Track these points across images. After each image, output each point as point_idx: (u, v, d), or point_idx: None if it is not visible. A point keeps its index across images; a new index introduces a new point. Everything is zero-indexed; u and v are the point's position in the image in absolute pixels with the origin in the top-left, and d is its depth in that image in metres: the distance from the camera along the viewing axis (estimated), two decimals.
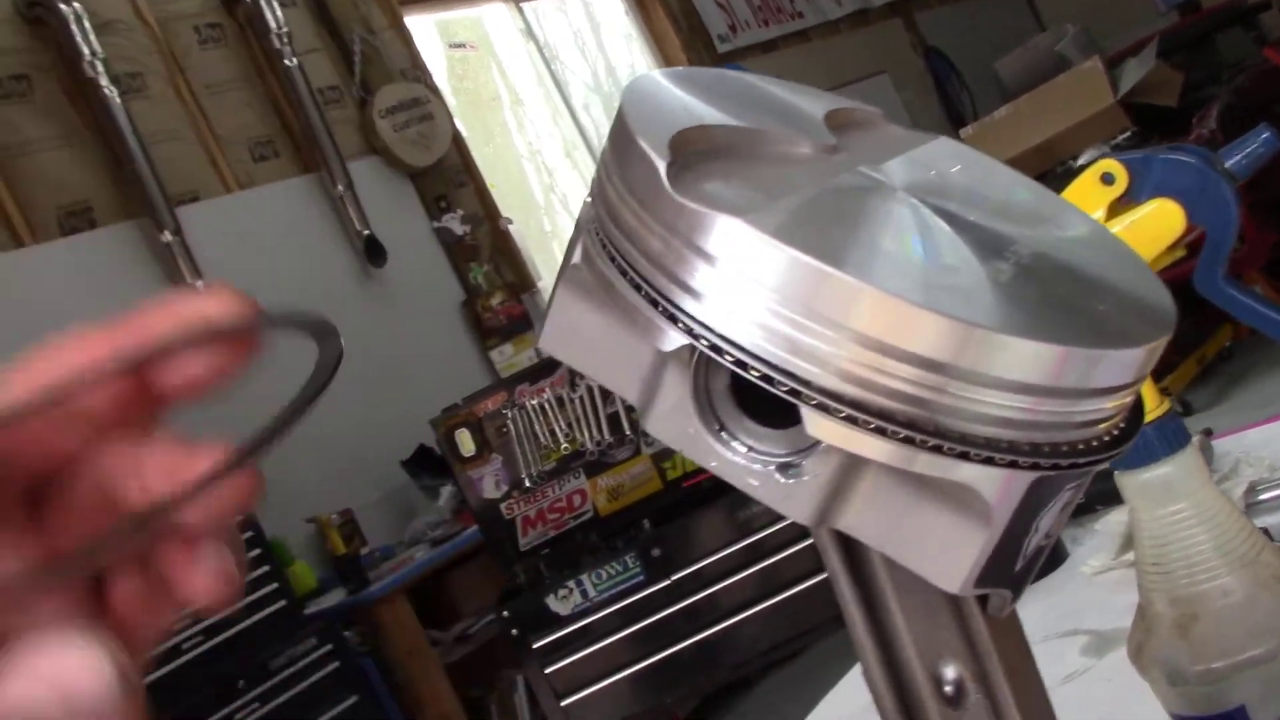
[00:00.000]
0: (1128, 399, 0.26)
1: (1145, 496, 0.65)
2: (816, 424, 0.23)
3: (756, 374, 0.23)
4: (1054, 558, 1.39)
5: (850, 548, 0.31)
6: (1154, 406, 0.65)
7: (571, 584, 3.50)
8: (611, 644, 3.50)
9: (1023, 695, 0.28)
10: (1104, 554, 1.31)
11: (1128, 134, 5.20)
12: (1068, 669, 1.15)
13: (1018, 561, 0.26)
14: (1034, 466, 0.24)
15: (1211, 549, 0.64)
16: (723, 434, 0.26)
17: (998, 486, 0.24)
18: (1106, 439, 0.26)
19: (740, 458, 0.26)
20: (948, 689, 0.29)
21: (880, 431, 0.23)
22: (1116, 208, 0.64)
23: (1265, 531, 1.12)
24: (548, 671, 3.47)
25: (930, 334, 0.23)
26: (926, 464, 0.23)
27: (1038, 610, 1.31)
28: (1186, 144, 0.63)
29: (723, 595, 3.52)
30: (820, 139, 0.29)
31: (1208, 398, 4.71)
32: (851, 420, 0.23)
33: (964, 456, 0.23)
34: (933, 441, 0.23)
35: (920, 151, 0.32)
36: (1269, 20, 5.82)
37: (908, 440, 0.23)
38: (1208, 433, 1.48)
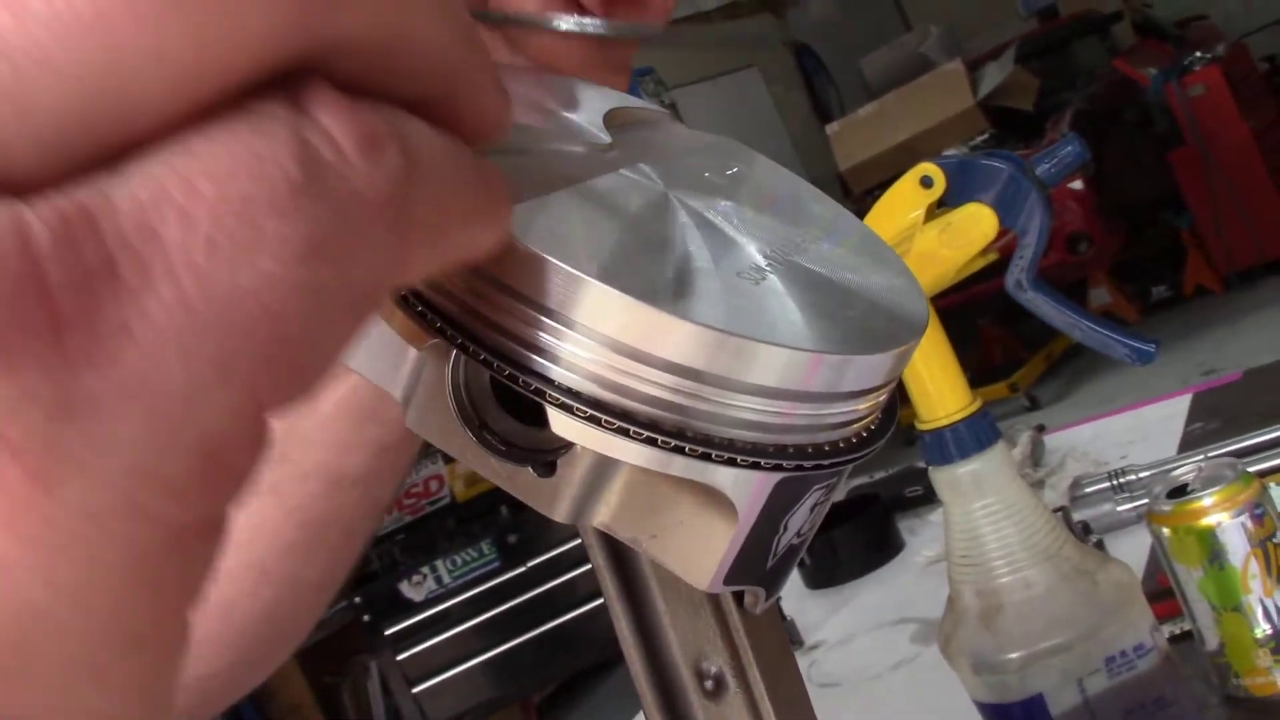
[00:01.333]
0: (879, 400, 0.27)
1: (956, 491, 0.67)
2: (561, 423, 0.23)
3: (503, 372, 0.23)
4: (889, 548, 1.42)
5: (615, 543, 0.31)
6: (965, 404, 0.67)
7: (426, 570, 3.47)
8: (465, 630, 3.48)
9: (777, 689, 0.28)
10: (938, 545, 1.35)
11: (986, 135, 5.35)
12: (898, 656, 1.18)
13: (768, 560, 0.27)
14: (776, 468, 0.25)
15: (1017, 542, 0.66)
16: (483, 431, 0.26)
17: (741, 488, 0.25)
18: (855, 440, 0.26)
19: (498, 455, 0.26)
20: (708, 684, 0.29)
21: (623, 432, 0.23)
22: (934, 211, 0.66)
23: (1086, 525, 1.17)
24: (400, 658, 3.43)
25: (673, 339, 0.23)
26: (669, 465, 0.24)
27: (873, 599, 1.35)
28: (1001, 150, 0.65)
29: (579, 582, 3.52)
30: (594, 137, 0.29)
31: (1054, 392, 4.89)
32: (594, 420, 0.23)
33: (706, 458, 0.24)
34: (674, 443, 0.23)
35: (697, 153, 0.32)
36: (1121, 32, 6.04)
37: (650, 441, 0.23)
38: (1040, 429, 1.53)
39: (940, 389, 0.67)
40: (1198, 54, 5.05)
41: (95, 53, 0.15)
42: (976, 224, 0.64)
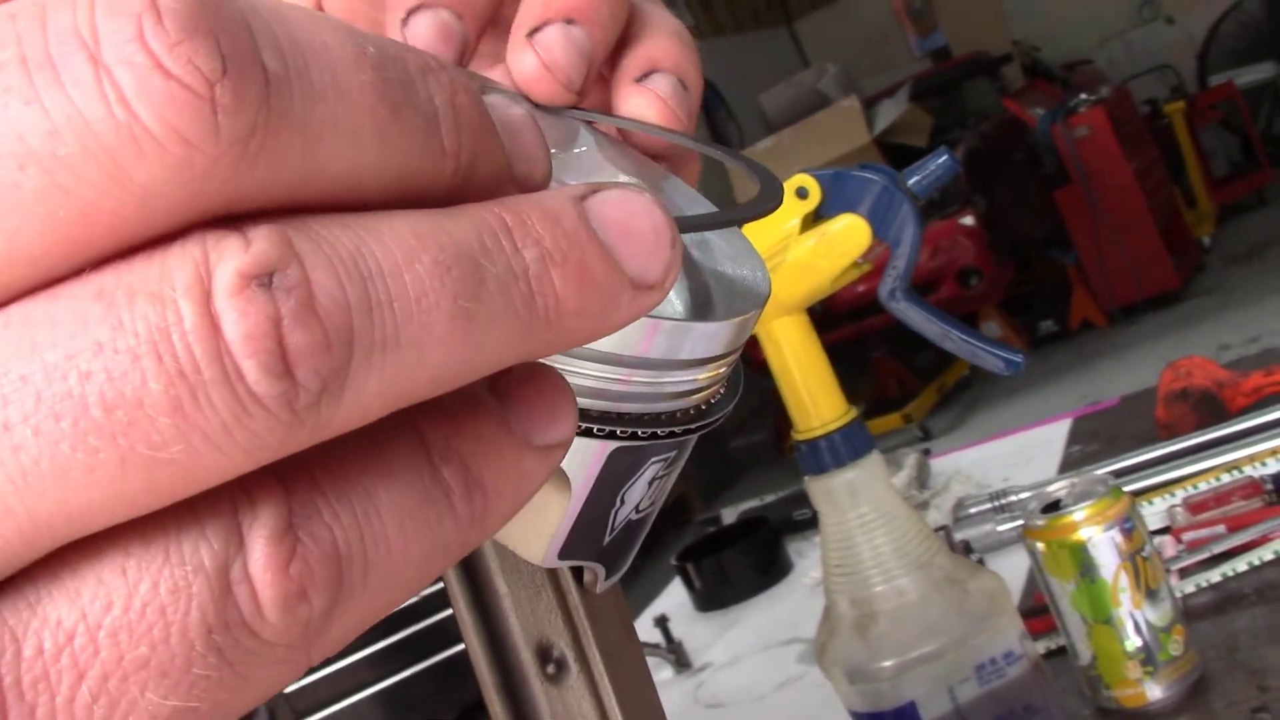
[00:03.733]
0: (720, 371, 0.26)
1: (831, 501, 0.68)
2: None
3: None
4: (778, 570, 1.43)
5: None
6: (841, 414, 0.68)
7: None
8: (355, 661, 3.41)
9: (619, 672, 0.28)
10: None
11: None
12: (784, 676, 1.18)
13: (605, 535, 0.26)
14: (610, 436, 0.24)
15: (890, 551, 0.66)
16: None
17: (575, 456, 0.24)
18: (694, 412, 0.26)
19: None
20: (550, 668, 0.29)
21: None
22: (810, 222, 0.67)
23: (967, 545, 1.19)
24: (288, 691, 3.35)
25: None
26: None
27: (762, 620, 1.35)
28: (876, 164, 0.66)
29: None
30: None
31: (948, 423, 4.98)
32: None
33: None
34: None
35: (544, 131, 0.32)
36: (1010, 73, 6.21)
37: None
38: (926, 452, 1.55)
39: (815, 399, 0.67)
40: (1083, 96, 5.22)
41: None
42: (850, 235, 0.65)
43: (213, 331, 0.16)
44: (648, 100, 0.30)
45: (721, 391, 0.27)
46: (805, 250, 0.66)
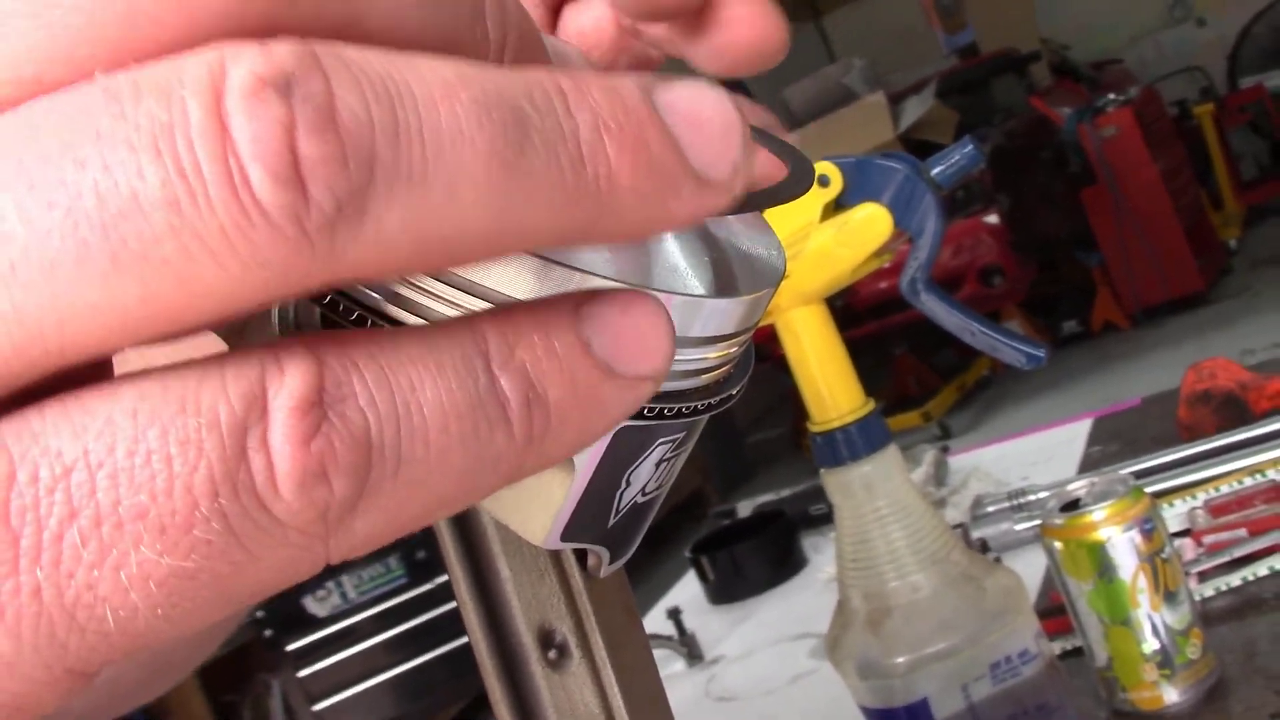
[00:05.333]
0: (730, 351, 0.26)
1: (847, 494, 0.67)
2: None
3: (337, 307, 0.22)
4: (792, 564, 1.42)
5: None
6: (858, 406, 0.67)
7: (331, 584, 3.40)
8: (371, 647, 3.42)
9: (622, 660, 0.27)
10: None
11: None
12: (797, 670, 1.18)
13: (610, 517, 0.26)
14: None
15: (905, 546, 0.66)
16: None
17: None
18: (702, 392, 0.25)
19: None
20: (551, 653, 0.28)
21: None
22: (830, 210, 0.66)
23: (984, 542, 1.18)
24: (301, 675, 3.36)
25: (513, 274, 0.22)
26: None
27: (774, 614, 1.35)
28: (899, 152, 0.65)
29: None
30: None
31: (967, 422, 4.95)
32: None
33: None
34: None
35: None
36: (1038, 71, 6.17)
37: None
38: (944, 449, 1.54)
39: (833, 390, 0.67)
40: (1111, 96, 5.18)
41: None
42: (872, 224, 0.64)
43: (220, 131, 0.15)
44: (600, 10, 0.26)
45: (732, 372, 0.27)
46: (825, 239, 0.65)
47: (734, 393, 0.26)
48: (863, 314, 4.85)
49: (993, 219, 4.90)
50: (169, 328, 0.16)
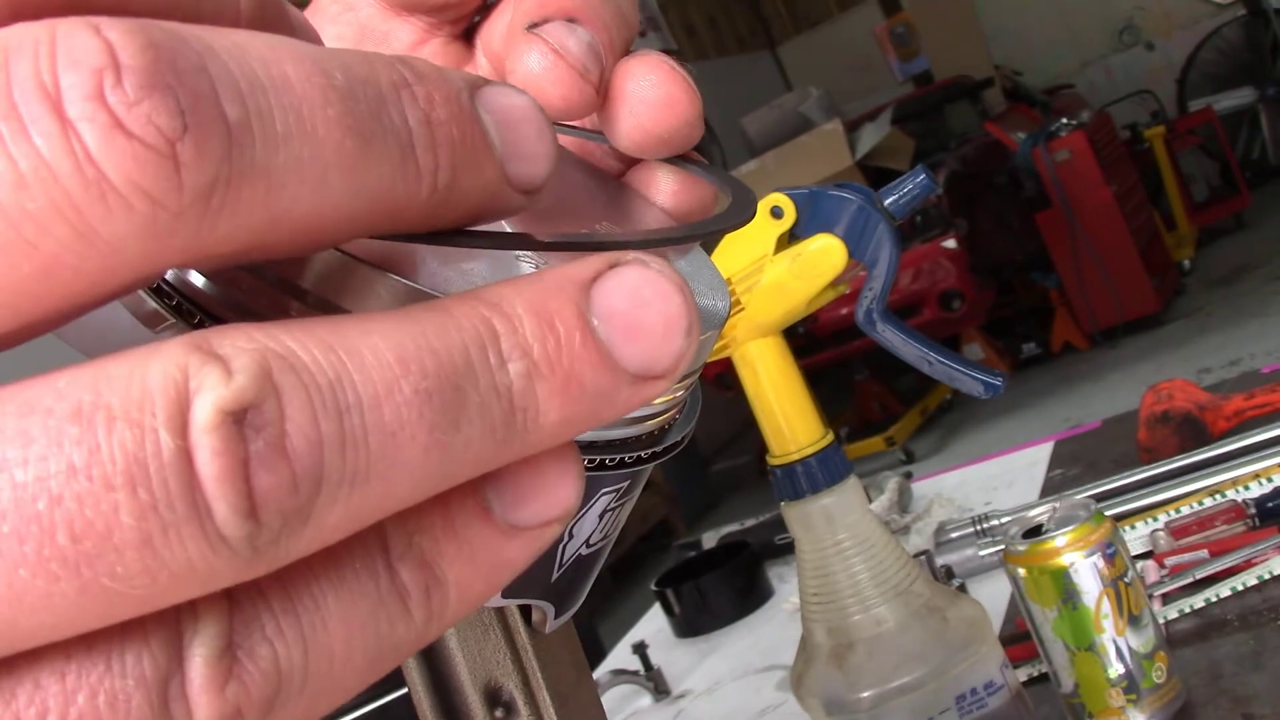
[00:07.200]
0: (675, 395, 0.25)
1: (808, 527, 0.66)
2: None
3: None
4: (758, 595, 1.41)
5: None
6: (817, 438, 0.66)
7: None
8: None
9: (570, 716, 0.26)
10: None
11: None
12: (763, 703, 1.16)
13: (553, 571, 0.25)
14: None
15: (868, 578, 0.65)
16: None
17: None
18: (644, 439, 0.24)
19: None
20: (498, 711, 0.27)
21: None
22: (785, 242, 0.66)
23: (949, 569, 1.17)
24: None
25: None
26: None
27: (741, 646, 1.34)
28: (852, 183, 0.64)
29: None
30: None
31: (931, 445, 4.97)
32: None
33: None
34: None
35: None
36: (991, 97, 6.24)
37: None
38: (907, 476, 1.54)
39: (791, 422, 0.66)
40: (1064, 120, 5.24)
41: None
42: (826, 256, 0.63)
43: (188, 466, 0.15)
44: (540, 54, 0.25)
45: (677, 417, 0.26)
46: (780, 271, 0.64)
47: (680, 440, 0.25)
48: (825, 340, 4.87)
49: (951, 244, 4.94)
50: (114, 624, 0.16)
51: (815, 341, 4.87)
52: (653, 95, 0.25)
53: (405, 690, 0.33)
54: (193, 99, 0.15)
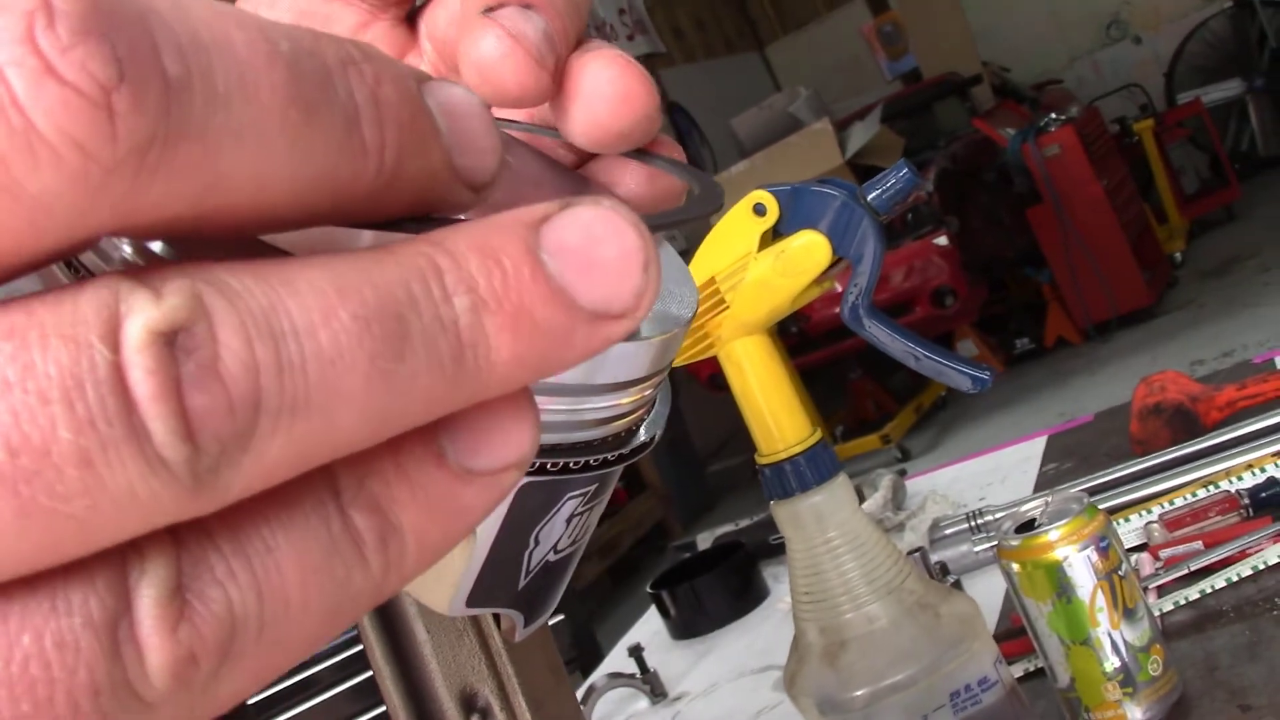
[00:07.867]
0: (642, 395, 0.24)
1: (798, 526, 0.66)
2: None
3: None
4: (753, 596, 1.41)
5: None
6: (805, 436, 0.66)
7: None
8: (335, 697, 3.36)
9: (544, 718, 0.26)
10: None
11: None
12: (760, 704, 1.16)
13: (520, 579, 0.24)
14: None
15: (860, 576, 0.64)
16: None
17: None
18: (610, 441, 0.24)
19: None
20: (474, 718, 0.27)
21: None
22: (768, 239, 0.65)
23: (944, 565, 1.17)
24: None
25: None
26: None
27: (737, 647, 1.33)
28: (836, 178, 0.64)
29: None
30: None
31: (926, 443, 4.97)
32: None
33: None
34: None
35: None
36: (980, 94, 6.25)
37: None
38: (901, 473, 1.54)
39: (779, 421, 0.65)
40: (1053, 115, 5.24)
41: None
42: (810, 252, 0.63)
43: (123, 385, 0.15)
44: (496, 39, 0.25)
45: (645, 418, 0.25)
46: (764, 269, 0.64)
47: (648, 441, 0.25)
48: (818, 339, 4.86)
49: (942, 240, 4.94)
50: (57, 563, 0.16)
51: (808, 341, 4.86)
52: (609, 90, 0.25)
53: (384, 709, 0.32)
54: (130, 49, 0.15)
